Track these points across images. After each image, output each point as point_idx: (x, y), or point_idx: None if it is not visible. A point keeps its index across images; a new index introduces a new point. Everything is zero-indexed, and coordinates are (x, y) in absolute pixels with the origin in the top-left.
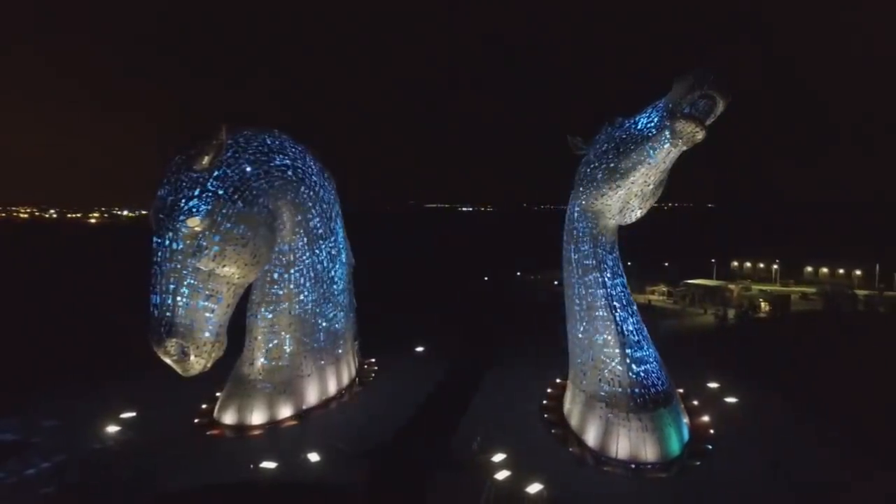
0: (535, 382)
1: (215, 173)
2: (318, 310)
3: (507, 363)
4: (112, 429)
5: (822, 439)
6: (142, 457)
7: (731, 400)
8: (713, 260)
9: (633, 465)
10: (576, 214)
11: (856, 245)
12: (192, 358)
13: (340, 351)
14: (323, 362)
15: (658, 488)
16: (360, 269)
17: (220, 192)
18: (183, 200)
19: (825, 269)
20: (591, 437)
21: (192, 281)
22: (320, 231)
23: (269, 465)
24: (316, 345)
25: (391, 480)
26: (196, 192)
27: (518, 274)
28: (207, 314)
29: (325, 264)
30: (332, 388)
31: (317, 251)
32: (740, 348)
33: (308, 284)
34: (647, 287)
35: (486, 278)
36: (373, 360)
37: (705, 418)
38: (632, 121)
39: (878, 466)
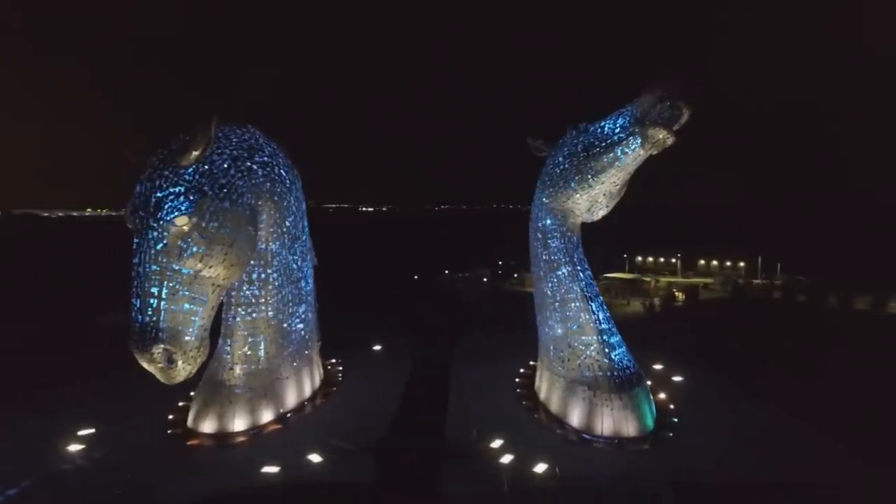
0: (502, 372)
1: (201, 169)
2: (292, 310)
3: (467, 355)
4: (75, 447)
5: (762, 405)
6: (121, 474)
7: (677, 378)
8: (625, 255)
9: (616, 441)
10: (544, 213)
11: (739, 241)
12: (179, 364)
13: (309, 352)
14: (296, 364)
15: (643, 458)
16: None
17: (207, 189)
18: (171, 197)
19: (715, 262)
20: (576, 418)
21: (176, 283)
22: (294, 230)
23: (271, 469)
24: (292, 347)
25: (404, 472)
26: (183, 189)
27: (446, 272)
28: (193, 318)
29: (299, 264)
30: (308, 390)
31: (291, 250)
32: (671, 334)
33: (284, 285)
34: None
35: (416, 277)
36: (333, 360)
37: (662, 395)
38: (597, 126)
39: (805, 419)
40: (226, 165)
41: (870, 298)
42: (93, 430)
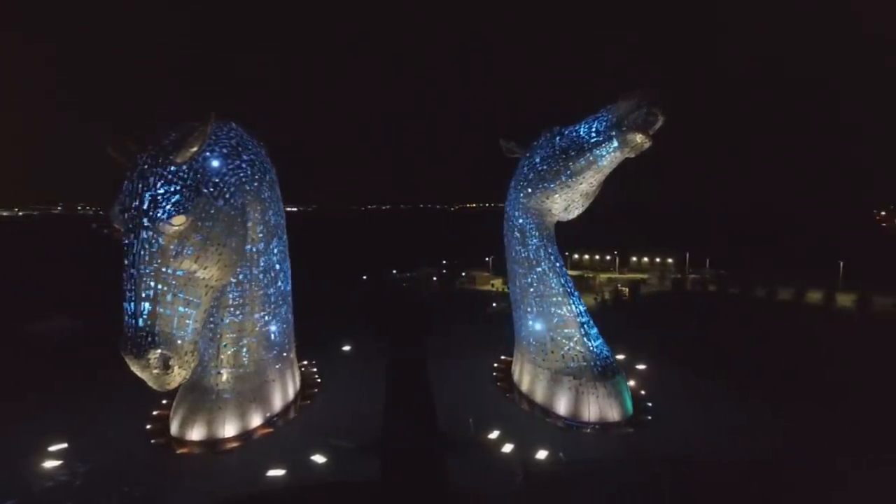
0: (476, 366)
1: (195, 167)
2: (275, 311)
3: (437, 352)
4: (51, 464)
5: (721, 387)
6: (115, 488)
7: (641, 367)
8: (566, 253)
9: (601, 426)
10: (519, 212)
11: (666, 239)
12: (175, 370)
13: (289, 354)
14: (280, 366)
15: (628, 440)
16: None
17: (202, 187)
18: (167, 196)
19: (646, 259)
20: (563, 407)
21: (171, 285)
22: (276, 229)
23: (277, 472)
24: (276, 349)
25: (410, 467)
26: (179, 187)
27: (394, 272)
28: (187, 321)
29: (281, 264)
30: (291, 393)
31: (274, 250)
32: (626, 325)
33: (269, 285)
34: None
35: (364, 277)
36: (305, 362)
37: (632, 383)
38: (572, 129)
39: (757, 396)
40: (217, 163)
41: (791, 289)
42: (65, 445)
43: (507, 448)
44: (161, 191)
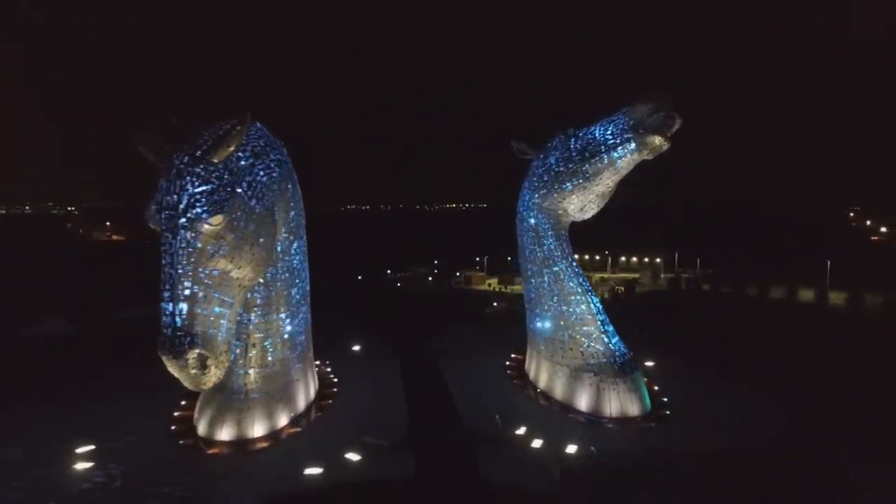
0: (487, 365)
1: (230, 166)
2: (297, 310)
3: (449, 350)
4: (84, 465)
5: (732, 382)
6: (155, 489)
7: (649, 363)
8: None
9: (623, 420)
10: (533, 213)
11: (653, 238)
12: (212, 370)
13: (310, 353)
14: (301, 366)
15: (651, 434)
16: None
17: (236, 187)
18: (207, 195)
19: (634, 259)
20: (584, 403)
21: (208, 285)
22: (299, 230)
23: (314, 471)
24: (298, 348)
25: (445, 464)
26: (215, 187)
27: (388, 272)
28: (222, 320)
29: (302, 264)
30: (312, 392)
31: (297, 249)
32: (626, 324)
33: (293, 284)
34: (517, 279)
35: (359, 277)
36: (317, 362)
37: (644, 379)
38: (587, 131)
39: (770, 389)
40: (249, 162)
41: (782, 288)
42: (92, 447)
43: (537, 443)
44: (199, 190)
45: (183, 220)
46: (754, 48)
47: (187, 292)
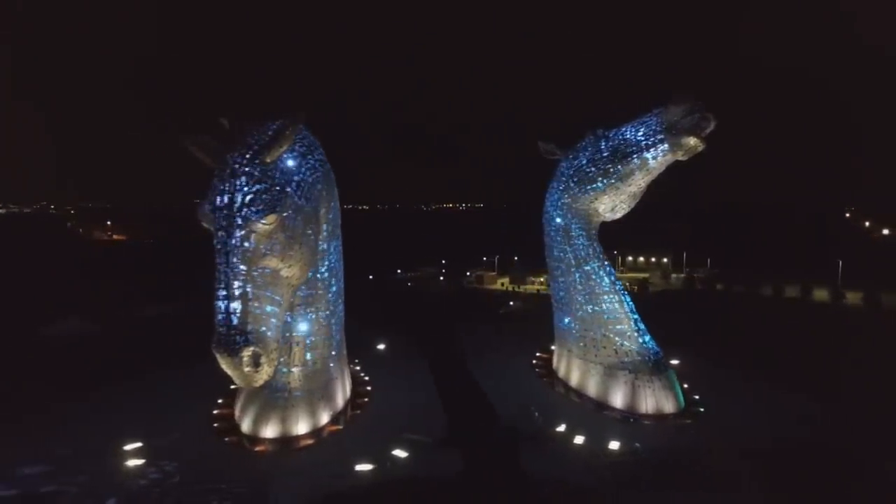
0: (514, 364)
1: (280, 166)
2: (336, 309)
3: (474, 349)
4: (135, 462)
5: (761, 382)
6: (211, 485)
7: (675, 361)
8: None
9: (657, 418)
10: (564, 212)
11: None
12: (264, 367)
13: (344, 351)
14: (338, 363)
15: (687, 430)
16: None
17: (286, 186)
18: (261, 195)
19: (642, 259)
20: (619, 401)
21: (260, 283)
22: (337, 229)
23: (364, 467)
24: (337, 347)
25: (489, 459)
26: (268, 186)
27: (398, 271)
28: (272, 319)
29: (339, 261)
30: (348, 390)
31: (335, 248)
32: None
33: (332, 283)
34: (529, 278)
35: (370, 277)
36: None
37: None
38: (618, 132)
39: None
40: (297, 162)
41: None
42: (139, 444)
43: (579, 440)
44: (253, 189)
45: (238, 219)
46: (754, 48)
47: (241, 291)
